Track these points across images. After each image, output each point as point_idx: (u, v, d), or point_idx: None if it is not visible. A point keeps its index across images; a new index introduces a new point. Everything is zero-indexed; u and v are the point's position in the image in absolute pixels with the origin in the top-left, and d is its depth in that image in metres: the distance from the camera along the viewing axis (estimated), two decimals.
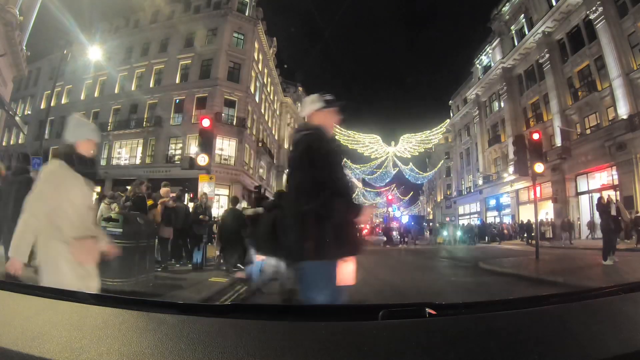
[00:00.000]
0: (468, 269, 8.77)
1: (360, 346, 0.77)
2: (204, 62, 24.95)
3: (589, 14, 17.79)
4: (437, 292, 5.47)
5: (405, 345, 0.78)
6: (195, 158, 8.55)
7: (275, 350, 0.75)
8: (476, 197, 32.16)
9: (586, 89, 19.07)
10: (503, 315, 1.01)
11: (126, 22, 29.19)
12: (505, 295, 5.24)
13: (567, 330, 0.88)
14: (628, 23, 16.33)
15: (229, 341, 0.77)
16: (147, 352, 0.73)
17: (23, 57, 15.69)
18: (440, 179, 46.15)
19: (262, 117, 30.33)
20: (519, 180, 22.69)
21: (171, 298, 4.28)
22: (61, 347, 0.75)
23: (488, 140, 29.83)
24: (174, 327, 0.87)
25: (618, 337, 0.82)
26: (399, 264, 11.26)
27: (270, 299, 5.00)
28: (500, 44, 27.01)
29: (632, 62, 16.19)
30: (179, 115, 24.47)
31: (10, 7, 12.69)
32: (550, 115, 21.43)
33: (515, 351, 0.76)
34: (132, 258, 4.42)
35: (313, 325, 0.92)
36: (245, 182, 24.77)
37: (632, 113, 15.51)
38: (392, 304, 1.01)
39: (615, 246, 7.71)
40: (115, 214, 4.61)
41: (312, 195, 1.65)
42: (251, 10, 26.97)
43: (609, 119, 17.44)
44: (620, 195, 15.19)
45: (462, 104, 36.98)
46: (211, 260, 8.10)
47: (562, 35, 20.60)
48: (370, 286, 6.14)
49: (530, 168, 9.32)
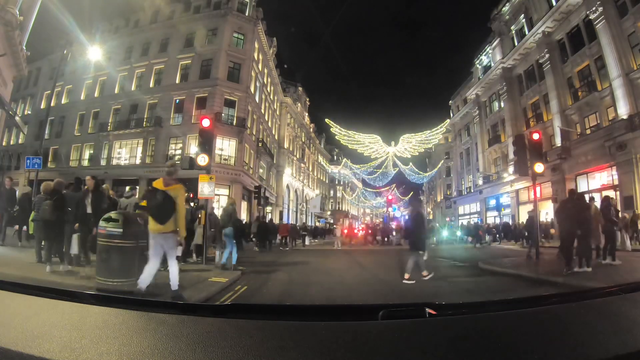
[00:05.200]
0: (468, 268, 8.77)
1: (360, 346, 0.77)
2: (204, 62, 24.95)
3: (589, 14, 17.79)
4: (436, 291, 5.47)
5: (405, 345, 0.78)
6: (195, 158, 8.54)
7: (275, 350, 0.75)
8: (476, 197, 32.16)
9: (586, 89, 19.06)
10: (503, 315, 1.01)
11: (126, 22, 29.19)
12: (505, 295, 5.23)
13: (567, 330, 0.88)
14: (628, 23, 16.32)
15: (229, 341, 0.77)
16: (147, 352, 0.73)
17: (23, 57, 15.68)
18: (440, 179, 46.17)
19: (262, 117, 30.32)
20: (519, 180, 22.70)
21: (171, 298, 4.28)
22: (61, 347, 0.75)
23: (488, 140, 29.83)
24: (174, 327, 0.87)
25: (618, 337, 0.82)
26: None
27: (270, 298, 5.00)
28: (500, 44, 27.01)
29: (632, 62, 16.18)
30: (179, 115, 24.47)
31: (10, 7, 12.68)
32: (550, 115, 21.42)
33: (515, 351, 0.76)
34: (132, 258, 4.42)
35: (313, 325, 0.92)
36: (245, 182, 24.77)
37: (632, 113, 15.50)
38: (392, 304, 1.01)
39: (615, 247, 7.68)
40: (115, 214, 4.60)
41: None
42: (251, 10, 26.97)
43: (609, 119, 17.43)
44: (620, 195, 15.19)
45: (462, 104, 36.99)
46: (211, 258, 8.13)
47: (562, 35, 20.59)
48: (369, 285, 6.14)
49: (530, 168, 9.30)
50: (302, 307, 1.54)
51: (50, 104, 17.22)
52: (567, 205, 6.87)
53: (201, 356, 0.71)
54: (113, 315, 0.96)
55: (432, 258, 11.88)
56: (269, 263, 9.65)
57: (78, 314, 0.96)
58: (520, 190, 24.85)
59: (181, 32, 26.06)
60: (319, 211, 41.24)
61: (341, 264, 10.27)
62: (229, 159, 23.97)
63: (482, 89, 30.26)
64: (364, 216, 72.74)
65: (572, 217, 6.55)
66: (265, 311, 1.15)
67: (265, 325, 0.89)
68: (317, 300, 4.83)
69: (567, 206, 6.83)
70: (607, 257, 7.42)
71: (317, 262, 10.55)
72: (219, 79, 24.06)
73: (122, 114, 26.23)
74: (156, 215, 4.06)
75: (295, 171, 41.33)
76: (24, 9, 14.22)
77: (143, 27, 27.94)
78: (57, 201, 5.40)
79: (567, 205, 6.89)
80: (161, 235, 4.07)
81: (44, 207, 5.35)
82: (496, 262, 8.87)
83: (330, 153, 60.67)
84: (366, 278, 7.49)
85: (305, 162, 45.82)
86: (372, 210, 70.85)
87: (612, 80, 16.65)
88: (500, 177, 26.97)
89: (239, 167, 24.09)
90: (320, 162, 55.28)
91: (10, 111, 17.34)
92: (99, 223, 4.51)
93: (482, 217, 29.61)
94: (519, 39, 24.72)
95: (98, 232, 4.53)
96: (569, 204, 6.82)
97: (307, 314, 1.14)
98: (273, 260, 10.38)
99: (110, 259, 4.34)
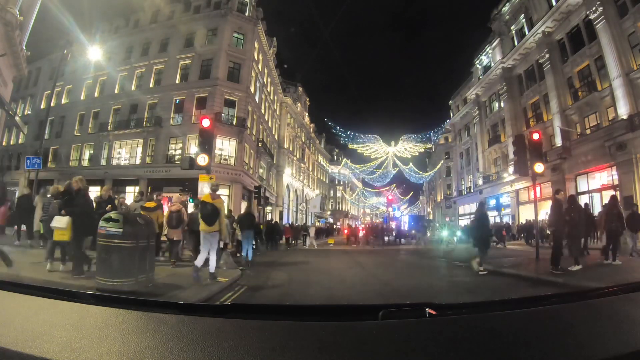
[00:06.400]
0: (468, 268, 8.77)
1: (360, 346, 0.77)
2: (204, 62, 24.94)
3: (589, 14, 17.78)
4: (436, 291, 5.47)
5: (405, 345, 0.78)
6: (195, 158, 8.56)
7: (275, 350, 0.75)
8: (476, 197, 32.09)
9: (586, 89, 19.06)
10: (503, 315, 1.01)
11: (126, 22, 29.18)
12: (505, 295, 5.23)
13: (567, 330, 0.88)
14: (628, 23, 16.32)
15: (229, 341, 0.77)
16: (147, 352, 0.73)
17: (23, 57, 15.68)
18: (440, 179, 46.17)
19: (262, 117, 30.32)
20: (519, 180, 22.69)
21: (171, 298, 4.28)
22: (61, 347, 0.75)
23: (488, 140, 29.82)
24: (174, 327, 0.87)
25: (618, 337, 0.82)
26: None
27: (271, 298, 5.00)
28: (500, 44, 27.01)
29: (632, 62, 16.18)
30: (179, 115, 24.46)
31: (10, 7, 12.68)
32: (550, 115, 21.42)
33: (515, 351, 0.76)
34: (132, 258, 4.42)
35: (313, 325, 0.92)
36: (245, 182, 24.77)
37: (632, 113, 15.50)
38: (392, 304, 1.01)
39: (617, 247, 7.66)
40: (115, 214, 4.60)
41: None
42: (251, 10, 26.97)
43: (609, 119, 17.42)
44: (620, 195, 15.19)
45: (462, 104, 36.98)
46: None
47: (562, 35, 20.59)
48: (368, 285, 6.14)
49: (530, 168, 9.31)
50: (302, 307, 1.54)
51: (50, 104, 17.20)
52: (557, 207, 6.91)
53: (201, 356, 0.71)
54: (113, 315, 0.96)
55: (435, 259, 11.95)
56: (269, 263, 9.66)
57: (78, 314, 0.96)
58: (520, 190, 24.85)
59: (181, 32, 26.05)
60: (319, 211, 41.24)
61: (339, 263, 10.30)
62: (229, 159, 23.97)
63: (482, 89, 30.25)
64: (364, 216, 72.74)
65: (563, 218, 6.63)
66: (265, 311, 1.15)
67: (265, 325, 0.89)
68: (317, 298, 4.83)
69: (557, 207, 6.87)
70: (609, 257, 7.42)
71: (317, 261, 10.59)
72: (219, 79, 24.06)
73: (122, 114, 26.22)
74: (206, 220, 5.62)
75: (295, 171, 41.33)
76: (24, 9, 14.22)
77: (143, 27, 27.93)
78: (67, 202, 5.58)
79: (557, 206, 6.93)
80: (209, 234, 5.67)
81: (54, 207, 5.69)
82: (496, 262, 8.86)
83: (330, 153, 60.70)
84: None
85: (305, 162, 45.82)
86: (372, 210, 70.90)
87: (612, 80, 16.65)
88: (500, 177, 26.97)
89: (239, 167, 24.09)
90: (320, 162, 55.30)
91: (10, 111, 17.35)
92: (99, 223, 4.51)
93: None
94: (519, 39, 24.72)
95: (98, 232, 4.53)
96: (559, 205, 6.87)
97: (307, 314, 1.14)
98: (273, 261, 10.41)
99: (110, 259, 4.34)
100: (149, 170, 23.65)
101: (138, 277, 4.48)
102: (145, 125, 24.64)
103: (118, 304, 1.06)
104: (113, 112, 26.86)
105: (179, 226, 7.50)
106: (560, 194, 7.26)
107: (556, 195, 7.21)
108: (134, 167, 24.51)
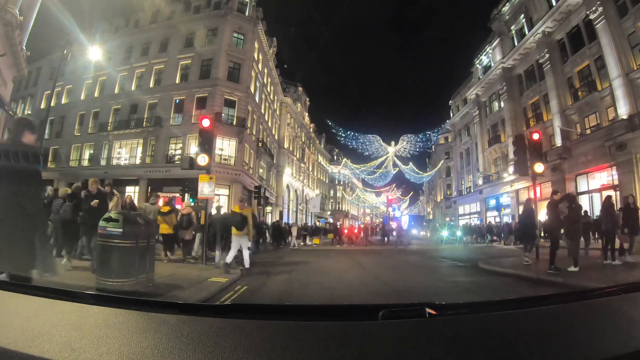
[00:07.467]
0: (468, 268, 8.78)
1: (360, 346, 0.77)
2: (204, 62, 24.94)
3: (589, 14, 17.78)
4: (436, 291, 5.47)
5: (405, 345, 0.78)
6: (195, 158, 8.55)
7: (275, 350, 0.75)
8: (476, 197, 32.15)
9: (586, 89, 19.05)
10: (503, 315, 1.01)
11: (126, 22, 29.18)
12: (505, 295, 5.24)
13: (567, 330, 0.88)
14: (628, 23, 16.32)
15: (228, 341, 0.77)
16: (147, 352, 0.73)
17: (23, 57, 15.68)
18: (440, 179, 46.18)
19: (262, 117, 30.32)
20: (519, 180, 22.69)
21: (171, 298, 4.28)
22: (61, 347, 0.75)
23: (488, 140, 29.81)
24: (174, 327, 0.87)
25: (618, 337, 0.82)
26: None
27: (271, 298, 5.00)
28: (500, 44, 27.00)
29: (632, 62, 16.18)
30: (179, 115, 24.47)
31: (10, 7, 12.68)
32: (550, 115, 21.42)
33: (515, 351, 0.76)
34: (132, 258, 4.42)
35: (313, 325, 0.92)
36: (245, 182, 24.77)
37: (632, 113, 15.50)
38: (392, 304, 1.01)
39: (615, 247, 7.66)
40: (115, 214, 4.60)
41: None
42: (251, 10, 26.96)
43: (609, 119, 17.43)
44: (620, 195, 15.17)
45: (462, 104, 36.98)
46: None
47: (562, 35, 20.59)
48: (369, 285, 6.14)
49: (530, 168, 9.30)
50: (302, 307, 1.54)
51: (50, 104, 17.22)
52: (553, 207, 6.92)
53: (201, 356, 0.71)
54: (113, 315, 0.96)
55: (435, 258, 11.95)
56: (269, 263, 9.66)
57: (78, 314, 0.96)
58: (520, 190, 24.84)
59: (181, 32, 26.05)
60: (319, 211, 41.24)
61: (336, 262, 10.31)
62: (229, 159, 23.97)
63: (482, 89, 30.25)
64: (364, 216, 72.74)
65: (559, 218, 6.63)
66: (265, 311, 1.15)
67: (265, 325, 0.89)
68: (316, 296, 4.83)
69: (554, 208, 6.88)
70: (608, 257, 7.42)
71: (317, 261, 10.59)
72: (219, 79, 24.06)
73: (122, 114, 26.23)
74: (237, 226, 6.97)
75: (295, 171, 41.33)
76: (24, 9, 14.22)
77: (143, 27, 27.93)
78: (76, 204, 5.98)
79: (554, 206, 6.93)
80: (239, 237, 7.01)
81: (65, 209, 6.12)
82: (496, 262, 8.87)
83: (330, 153, 60.68)
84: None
85: (305, 162, 45.81)
86: (372, 210, 70.87)
87: (612, 80, 16.65)
88: (500, 177, 26.96)
89: (239, 167, 24.09)
90: (320, 162, 55.28)
91: (10, 111, 17.34)
92: (99, 223, 4.51)
93: (482, 217, 29.61)
94: (519, 39, 24.72)
95: (98, 232, 4.53)
96: (556, 206, 6.88)
97: (307, 314, 1.14)
98: (273, 261, 10.41)
99: (110, 259, 4.34)
100: (149, 170, 23.67)
101: (138, 277, 4.49)
102: (145, 125, 24.64)
103: (118, 304, 1.06)
104: (113, 112, 26.86)
105: (189, 227, 8.49)
106: (557, 195, 7.27)
107: (553, 196, 7.22)
108: (134, 167, 24.52)
